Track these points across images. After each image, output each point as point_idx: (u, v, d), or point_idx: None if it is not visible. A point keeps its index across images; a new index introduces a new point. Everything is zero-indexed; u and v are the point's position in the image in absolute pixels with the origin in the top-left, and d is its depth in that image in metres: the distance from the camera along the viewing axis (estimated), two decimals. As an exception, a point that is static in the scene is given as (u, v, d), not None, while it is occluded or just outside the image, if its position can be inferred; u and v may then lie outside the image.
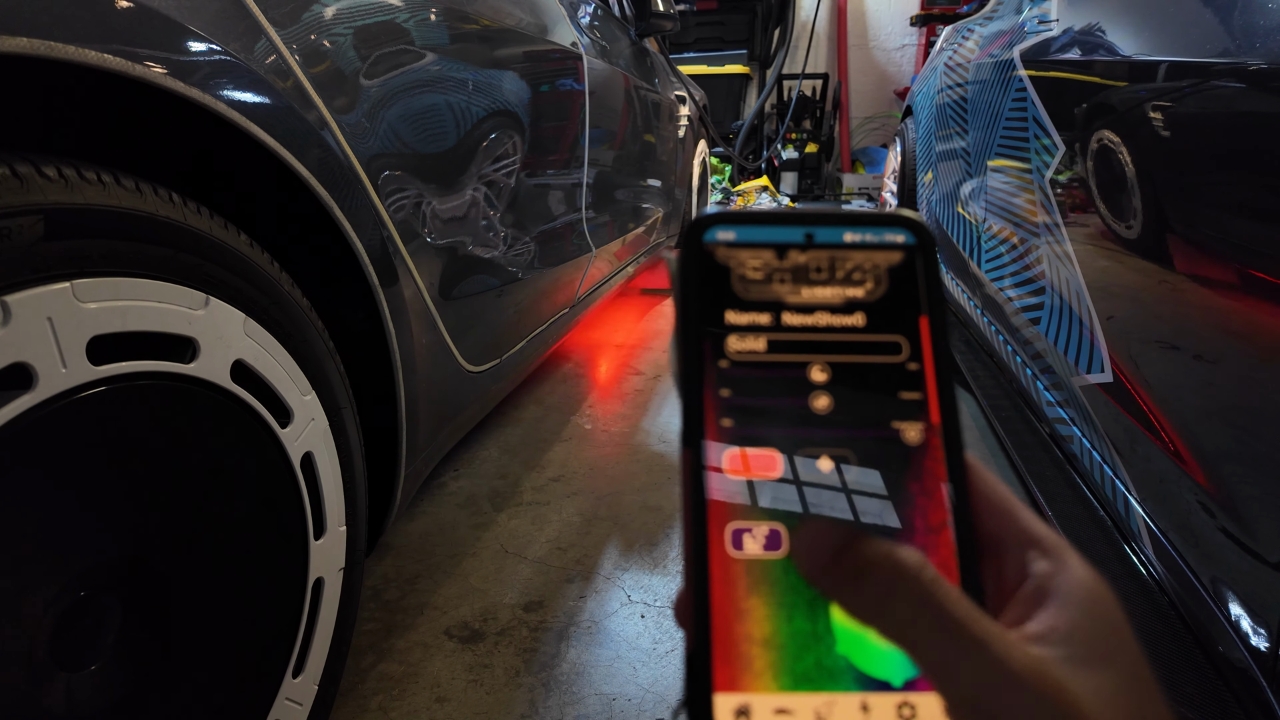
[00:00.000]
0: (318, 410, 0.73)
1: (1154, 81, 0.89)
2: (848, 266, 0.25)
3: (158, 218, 0.55)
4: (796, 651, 0.22)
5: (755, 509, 0.23)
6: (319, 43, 0.75)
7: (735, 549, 0.23)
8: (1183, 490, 0.84)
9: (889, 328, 0.24)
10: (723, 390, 0.24)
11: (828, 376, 0.24)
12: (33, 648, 0.50)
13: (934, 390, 0.24)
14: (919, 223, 0.25)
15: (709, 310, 0.24)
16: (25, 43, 0.45)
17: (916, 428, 0.24)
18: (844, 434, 0.23)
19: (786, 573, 0.22)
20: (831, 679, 0.22)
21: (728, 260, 0.25)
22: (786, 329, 0.24)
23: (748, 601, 0.22)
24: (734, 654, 0.22)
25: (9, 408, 0.46)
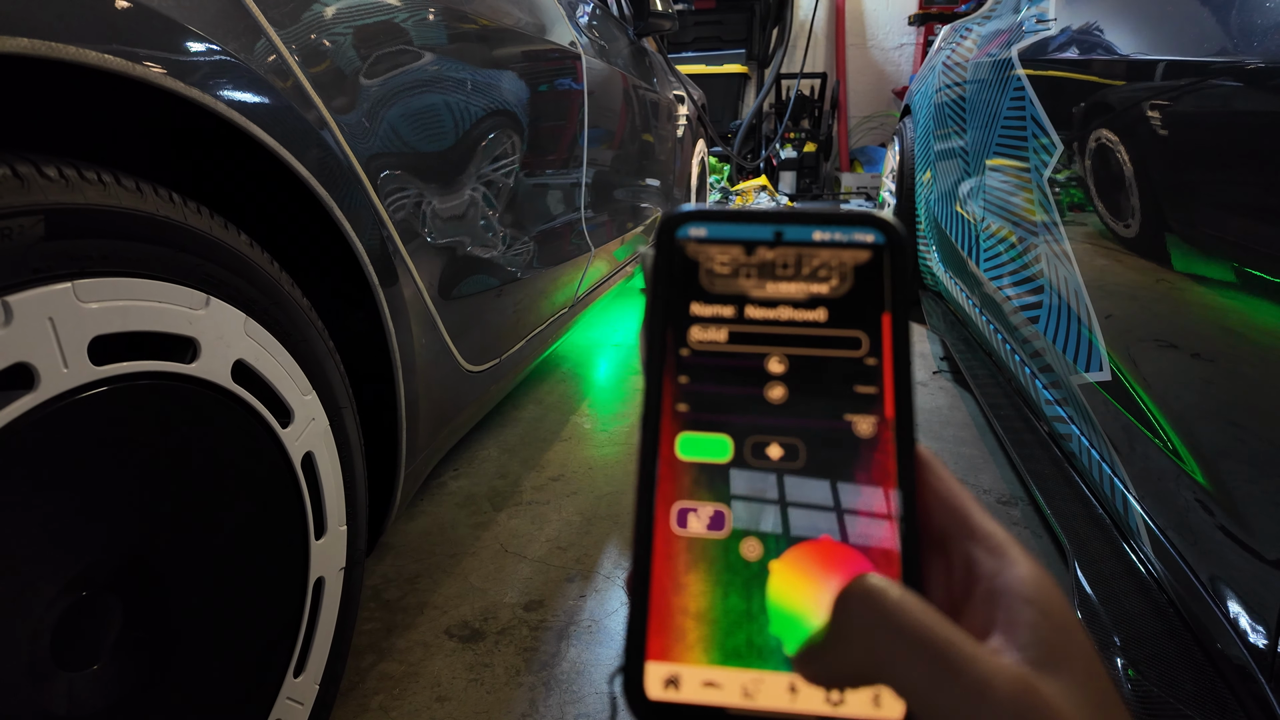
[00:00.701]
0: (318, 410, 0.73)
1: (1152, 80, 0.89)
2: (814, 263, 0.25)
3: (158, 218, 0.55)
4: (729, 628, 0.22)
5: (701, 490, 0.24)
6: (318, 43, 0.75)
7: (679, 527, 0.23)
8: (1181, 488, 0.84)
9: (850, 323, 0.25)
10: (681, 377, 0.25)
11: (785, 368, 0.25)
12: (34, 648, 0.50)
13: (890, 385, 0.24)
14: (889, 223, 0.25)
15: (675, 301, 0.25)
16: (26, 43, 0.45)
17: (869, 421, 0.24)
18: (796, 423, 0.24)
19: (727, 552, 0.23)
20: (761, 657, 0.22)
21: (697, 255, 0.26)
22: (748, 321, 0.25)
23: (686, 577, 0.23)
24: (669, 626, 0.22)
25: (11, 408, 0.46)
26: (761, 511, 0.23)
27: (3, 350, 0.45)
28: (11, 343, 0.45)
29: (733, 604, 0.23)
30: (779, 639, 0.22)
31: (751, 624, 0.22)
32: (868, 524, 0.23)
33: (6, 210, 0.45)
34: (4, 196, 0.44)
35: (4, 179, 0.45)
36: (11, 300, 0.45)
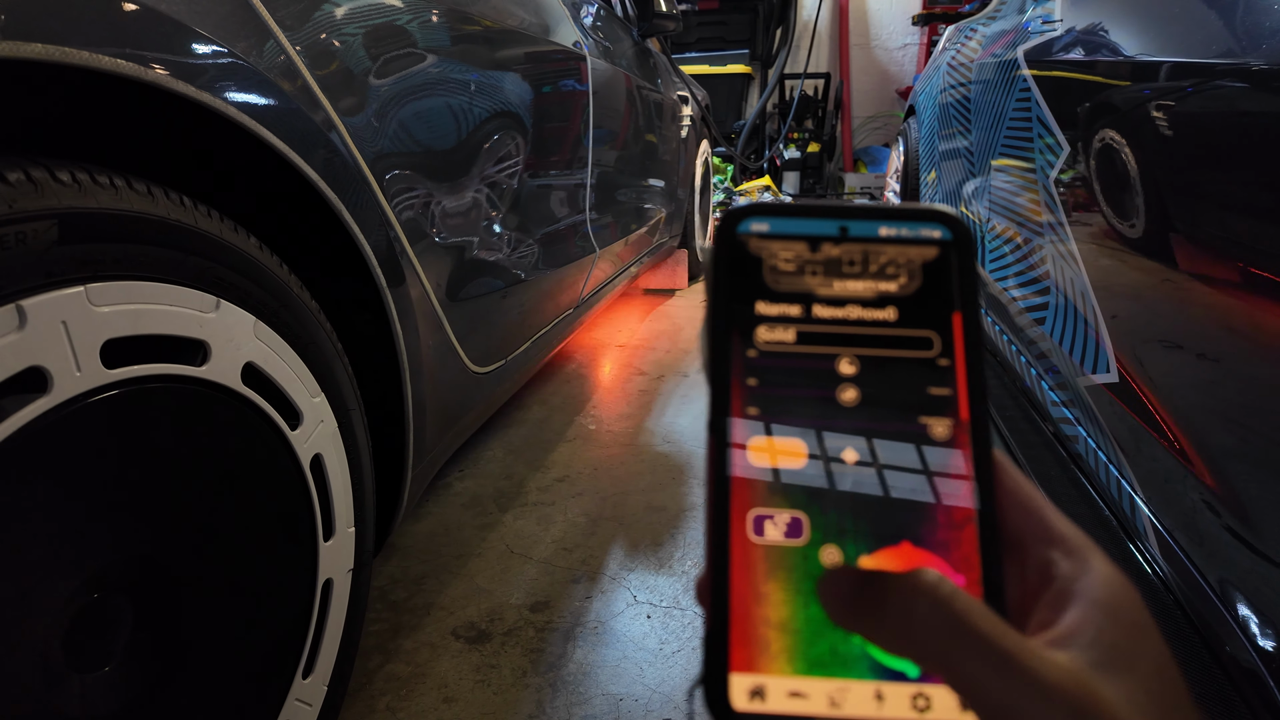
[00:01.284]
0: (327, 412, 0.73)
1: (1158, 81, 0.88)
2: (881, 260, 0.25)
3: (169, 221, 0.55)
4: (812, 637, 0.22)
5: (778, 496, 0.23)
6: (326, 44, 0.75)
7: (756, 535, 0.23)
8: (1188, 489, 0.83)
9: (920, 323, 0.24)
10: (750, 379, 0.24)
11: (856, 369, 0.24)
12: (48, 649, 0.50)
13: (964, 387, 0.24)
14: (956, 218, 0.25)
15: (740, 300, 0.25)
16: (39, 48, 0.46)
17: (944, 423, 0.24)
18: (870, 426, 0.24)
19: (806, 560, 0.23)
20: (846, 666, 0.22)
21: (760, 251, 0.25)
22: (816, 320, 0.24)
23: (766, 586, 0.23)
24: (751, 636, 0.22)
25: (25, 411, 0.46)
26: (839, 517, 0.23)
27: (17, 354, 0.45)
28: (25, 346, 0.46)
29: (815, 612, 0.22)
30: (863, 647, 0.22)
31: (835, 632, 0.22)
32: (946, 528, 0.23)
33: (21, 215, 0.45)
34: (18, 201, 0.45)
35: (18, 183, 0.45)
36: (26, 304, 0.46)
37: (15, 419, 0.46)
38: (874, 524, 0.23)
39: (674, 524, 1.35)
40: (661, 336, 2.51)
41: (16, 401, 0.46)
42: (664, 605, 1.14)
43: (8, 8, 0.44)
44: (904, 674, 0.22)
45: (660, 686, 0.98)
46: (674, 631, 1.08)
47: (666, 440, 1.70)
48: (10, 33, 0.44)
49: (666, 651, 1.04)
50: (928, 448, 0.23)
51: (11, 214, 0.44)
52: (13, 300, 0.45)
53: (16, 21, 0.45)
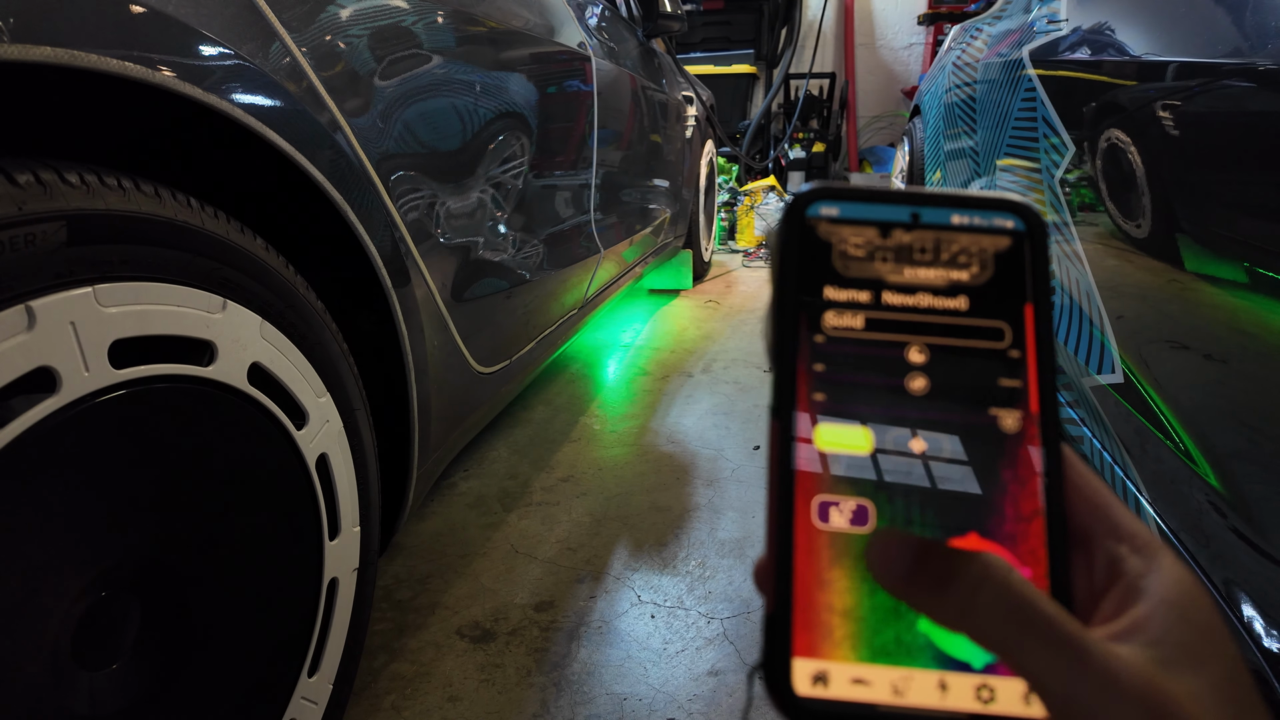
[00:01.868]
0: (332, 412, 0.74)
1: (1164, 81, 0.88)
2: (953, 249, 0.24)
3: (176, 222, 0.56)
4: (877, 625, 0.22)
5: (843, 483, 0.23)
6: (331, 45, 0.75)
7: (821, 521, 0.23)
8: (1194, 491, 0.83)
9: (992, 313, 0.24)
10: (816, 365, 0.24)
11: (925, 358, 0.24)
12: (56, 647, 0.50)
13: (1034, 379, 0.24)
14: (1031, 208, 0.25)
15: (807, 284, 0.24)
16: (49, 51, 0.46)
17: (1014, 415, 0.23)
18: (938, 416, 0.23)
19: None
20: (910, 655, 0.22)
21: (829, 236, 0.25)
22: (886, 308, 0.24)
23: (830, 572, 0.22)
24: (814, 622, 0.22)
25: (33, 411, 0.46)
26: (905, 506, 0.23)
27: (26, 354, 0.46)
28: (35, 347, 0.46)
29: (880, 600, 0.22)
30: (928, 636, 0.22)
31: (899, 620, 0.22)
32: (1014, 521, 0.23)
33: (31, 216, 0.45)
34: (28, 203, 0.45)
35: (28, 185, 0.45)
36: (35, 305, 0.46)
37: (24, 419, 0.46)
38: (940, 515, 0.23)
39: (678, 524, 1.36)
40: (665, 337, 2.51)
41: (26, 401, 0.46)
42: (668, 605, 1.14)
43: (15, 11, 0.45)
44: (969, 664, 0.22)
45: (664, 686, 0.98)
46: (678, 631, 1.08)
47: (671, 440, 1.70)
48: (20, 36, 0.44)
49: (670, 651, 1.04)
50: (996, 440, 0.23)
51: (21, 216, 0.44)
52: (22, 301, 0.45)
53: (25, 24, 0.45)
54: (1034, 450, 0.23)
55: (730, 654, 1.04)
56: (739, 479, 1.52)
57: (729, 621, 1.10)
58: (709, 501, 1.43)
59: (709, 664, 1.02)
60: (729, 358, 2.27)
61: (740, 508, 1.41)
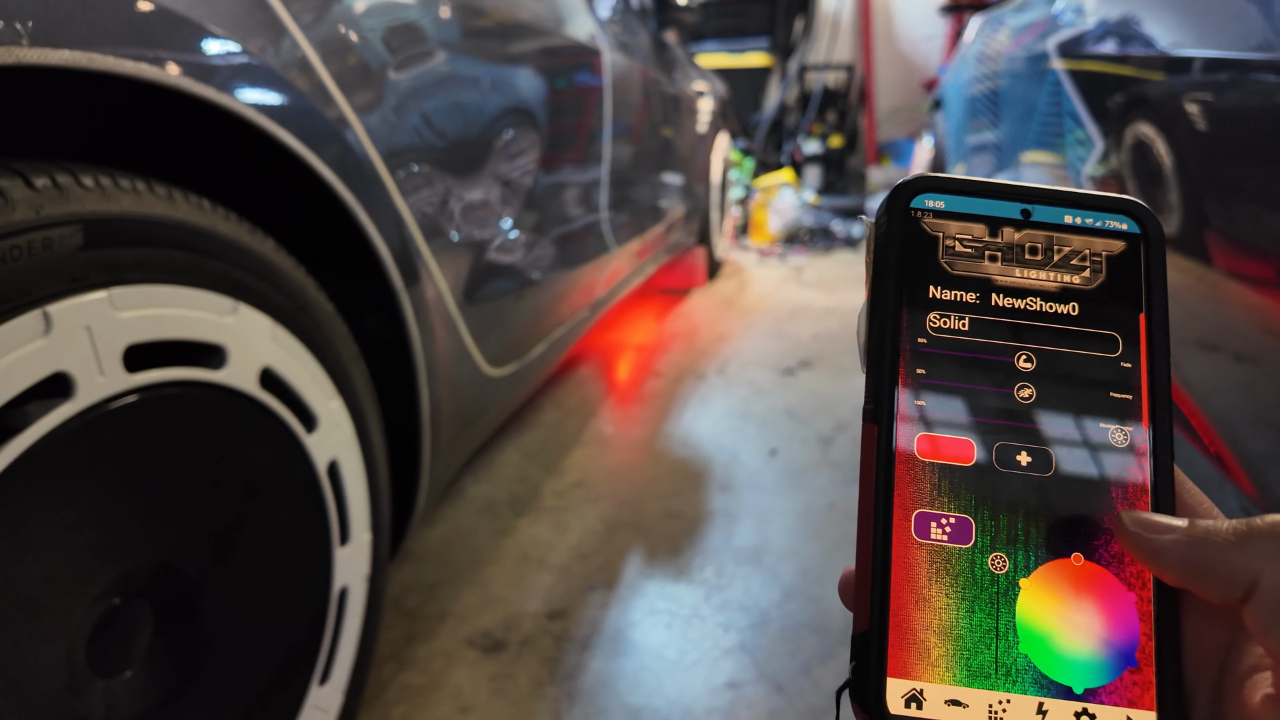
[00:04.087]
0: (343, 416, 0.73)
1: (1193, 75, 0.87)
2: (1065, 250, 0.23)
3: (189, 225, 0.56)
4: (975, 645, 0.21)
5: (944, 496, 0.22)
6: (340, 41, 0.74)
7: (919, 535, 0.22)
8: (1225, 495, 0.82)
9: (1105, 322, 0.23)
10: (918, 368, 0.23)
11: (1034, 366, 0.23)
12: (71, 653, 0.50)
13: (1147, 393, 0.23)
14: (1148, 211, 0.24)
15: (911, 282, 0.23)
16: (68, 55, 0.45)
17: (1124, 430, 0.22)
18: (1045, 429, 0.22)
19: (973, 565, 0.22)
20: (1009, 678, 0.21)
21: (935, 230, 0.24)
22: (994, 310, 0.23)
23: (928, 589, 0.22)
24: (909, 641, 0.21)
25: (50, 417, 0.46)
26: (1010, 523, 0.22)
27: (42, 359, 0.46)
28: (51, 352, 0.46)
29: (979, 620, 0.21)
30: (1029, 658, 0.21)
31: (999, 642, 0.21)
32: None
33: (47, 221, 0.45)
34: (45, 206, 0.45)
35: (44, 189, 0.45)
36: (51, 310, 0.46)
37: (40, 425, 0.46)
38: (1045, 532, 0.22)
39: (693, 531, 1.33)
40: (678, 337, 2.48)
41: (41, 407, 0.46)
42: (683, 614, 1.12)
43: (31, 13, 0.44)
44: (1070, 689, 0.21)
45: (680, 698, 0.96)
46: (694, 641, 1.06)
47: (684, 444, 1.68)
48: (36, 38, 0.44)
49: (686, 662, 1.02)
50: (1106, 456, 0.22)
51: (38, 220, 0.45)
52: (39, 306, 0.45)
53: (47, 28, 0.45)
54: (1144, 467, 0.22)
55: (748, 665, 1.01)
56: (755, 484, 1.50)
57: (747, 632, 1.08)
58: (724, 508, 1.41)
59: (726, 676, 1.00)
60: (744, 359, 2.25)
61: (757, 514, 1.39)
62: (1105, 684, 0.21)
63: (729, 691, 0.97)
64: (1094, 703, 0.21)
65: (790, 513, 1.39)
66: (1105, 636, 0.21)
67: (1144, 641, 0.21)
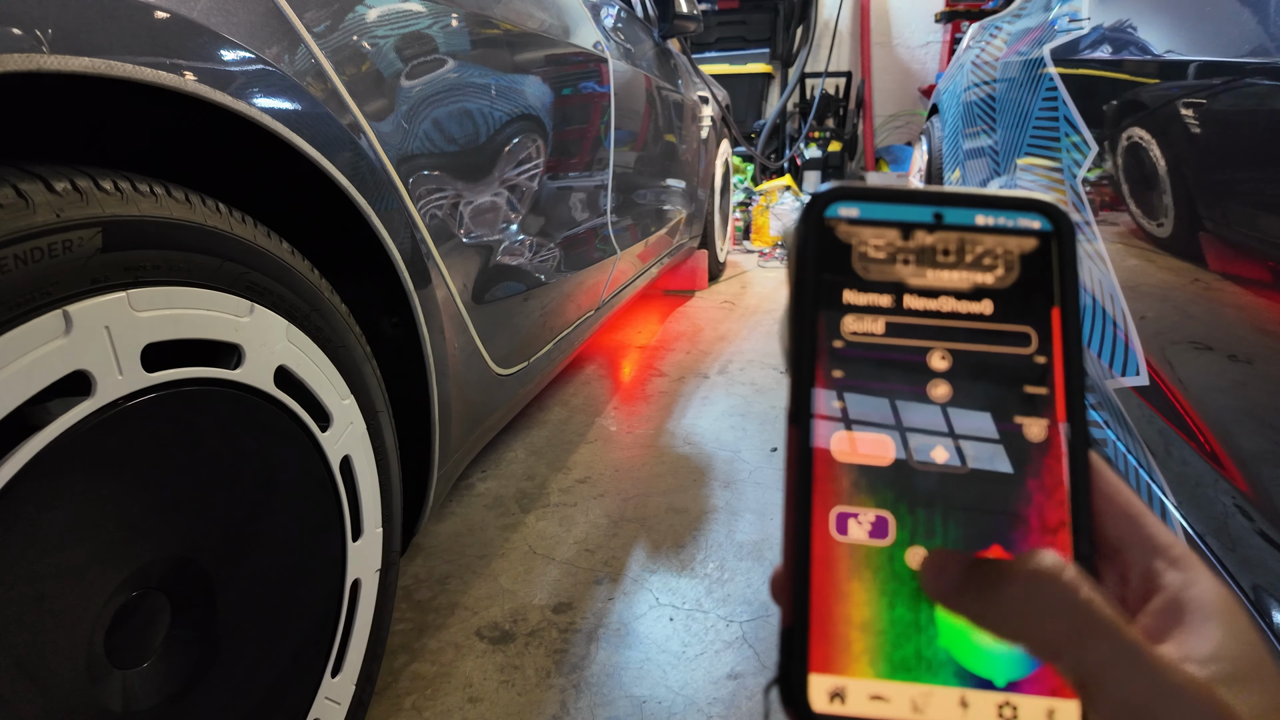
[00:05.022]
0: (356, 414, 0.74)
1: (1188, 79, 0.87)
2: (977, 250, 0.24)
3: (206, 227, 0.56)
4: (896, 639, 0.22)
5: (862, 494, 0.22)
6: (354, 49, 0.76)
7: (839, 533, 0.22)
8: (1220, 494, 0.82)
9: (1017, 317, 0.23)
10: (835, 370, 0.23)
11: (949, 364, 0.23)
12: (91, 645, 0.51)
13: (1061, 386, 0.23)
14: (1058, 209, 0.24)
15: (826, 287, 0.24)
16: (87, 62, 0.46)
17: (1040, 424, 0.23)
18: (961, 424, 0.23)
19: (891, 560, 0.22)
20: (930, 671, 0.21)
21: (849, 237, 0.24)
22: (908, 312, 0.23)
23: (848, 585, 0.22)
24: (832, 636, 0.22)
25: (70, 414, 0.47)
26: (927, 518, 0.22)
27: (63, 358, 0.47)
28: (71, 351, 0.47)
29: (899, 615, 0.22)
30: (949, 651, 0.21)
31: (919, 635, 0.22)
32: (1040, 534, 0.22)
33: (69, 223, 0.46)
34: (65, 210, 0.46)
35: (65, 192, 0.46)
36: (71, 310, 0.47)
37: (61, 421, 0.47)
38: (963, 527, 0.22)
39: (696, 526, 1.35)
40: (681, 338, 2.50)
41: (62, 404, 0.47)
42: (686, 608, 1.14)
43: (52, 21, 0.45)
44: (991, 682, 0.21)
45: (683, 689, 0.98)
46: (696, 634, 1.08)
47: (687, 442, 1.70)
48: (56, 46, 0.45)
49: (689, 654, 1.04)
50: (1021, 449, 0.23)
51: (59, 223, 0.45)
52: (60, 306, 0.46)
53: (62, 34, 0.46)
54: (1060, 459, 0.22)
55: (750, 657, 1.03)
56: (757, 481, 1.52)
57: (748, 625, 1.10)
58: (726, 503, 1.43)
59: (728, 667, 1.02)
60: (745, 359, 2.27)
61: (758, 510, 1.41)
62: (1027, 674, 0.21)
63: (731, 682, 0.99)
64: (1016, 693, 0.21)
65: (792, 510, 1.40)
66: None
67: None
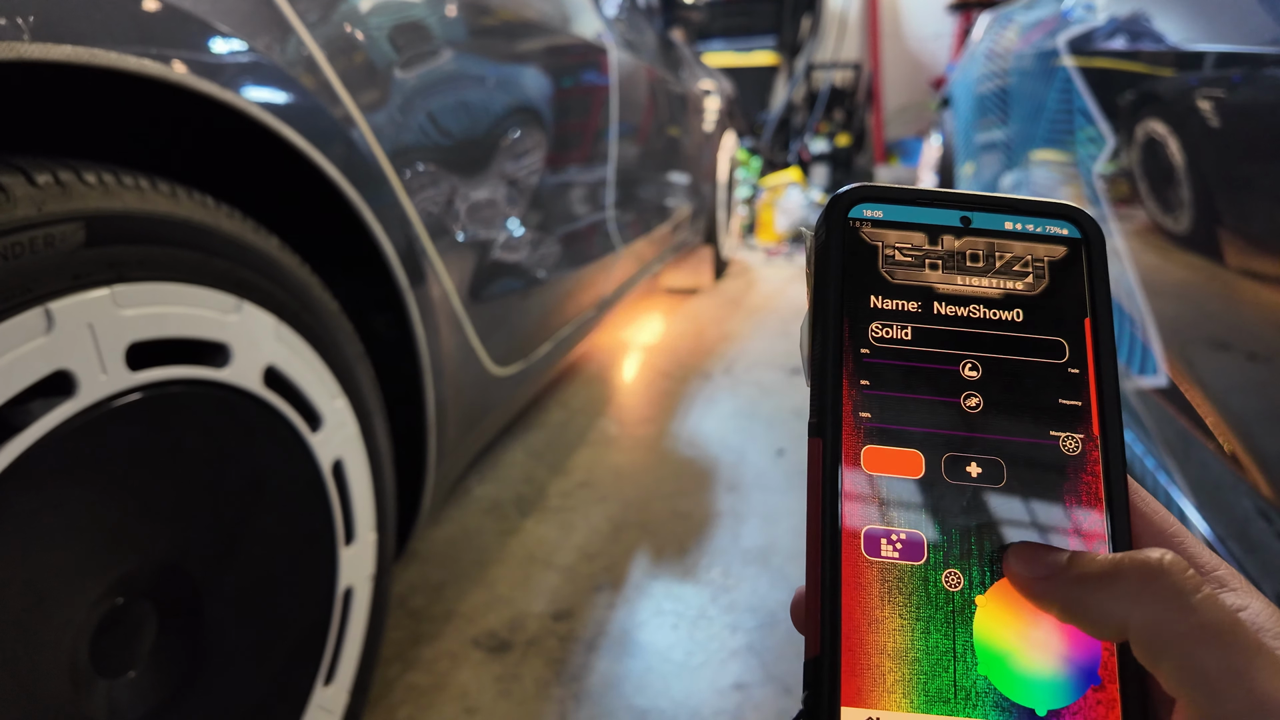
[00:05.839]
0: (348, 416, 0.73)
1: (1206, 70, 0.86)
2: (1007, 257, 0.23)
3: (192, 222, 0.55)
4: (932, 668, 0.20)
5: (893, 512, 0.21)
6: (346, 39, 0.74)
7: (869, 553, 0.21)
8: (1240, 497, 0.81)
9: (1050, 327, 0.23)
10: (862, 380, 0.22)
11: (980, 374, 0.22)
12: (75, 653, 0.50)
13: (1096, 399, 0.22)
14: (1088, 216, 0.23)
15: (852, 293, 0.23)
16: (70, 50, 0.45)
17: (1075, 438, 0.22)
18: (995, 438, 0.22)
19: (926, 583, 0.21)
20: (969, 702, 0.20)
21: (875, 240, 0.23)
22: (937, 319, 0.23)
23: (880, 610, 0.21)
24: (863, 666, 0.20)
25: (51, 415, 0.46)
26: (962, 537, 0.21)
27: (44, 357, 0.46)
28: (53, 350, 0.46)
29: (935, 642, 0.20)
30: (989, 680, 0.20)
31: (957, 664, 0.20)
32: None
33: (50, 218, 0.45)
34: (47, 204, 0.45)
35: (46, 186, 0.45)
36: (53, 307, 0.46)
37: (42, 423, 0.46)
38: (999, 547, 0.21)
39: (699, 531, 1.33)
40: (684, 337, 2.48)
41: (43, 405, 0.46)
42: (690, 615, 1.11)
43: (33, 9, 0.44)
44: (1032, 711, 0.20)
45: (687, 700, 0.95)
46: (700, 643, 1.05)
47: (691, 444, 1.67)
48: (39, 34, 0.44)
49: (693, 663, 1.02)
50: (1058, 464, 0.22)
51: (40, 217, 0.44)
52: (41, 303, 0.45)
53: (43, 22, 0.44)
54: (1097, 475, 0.22)
55: (756, 667, 1.01)
56: (762, 485, 1.49)
57: (754, 633, 1.07)
58: (731, 508, 1.40)
59: (734, 677, 0.99)
60: (750, 358, 2.24)
61: (764, 514, 1.38)
62: (1069, 704, 0.20)
63: (736, 693, 0.97)
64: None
65: (798, 513, 1.38)
66: (1066, 654, 0.21)
67: (1106, 657, 0.21)
